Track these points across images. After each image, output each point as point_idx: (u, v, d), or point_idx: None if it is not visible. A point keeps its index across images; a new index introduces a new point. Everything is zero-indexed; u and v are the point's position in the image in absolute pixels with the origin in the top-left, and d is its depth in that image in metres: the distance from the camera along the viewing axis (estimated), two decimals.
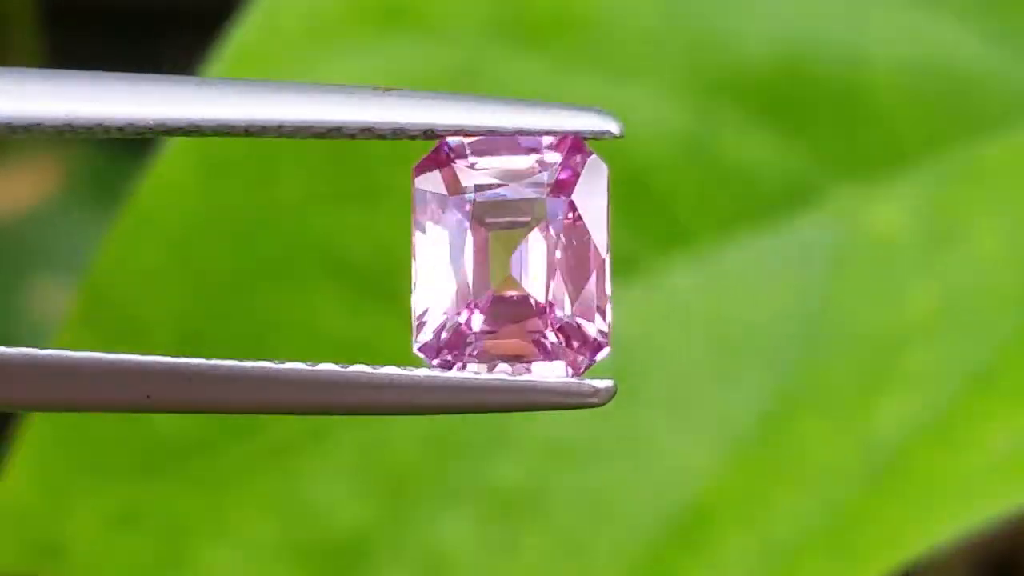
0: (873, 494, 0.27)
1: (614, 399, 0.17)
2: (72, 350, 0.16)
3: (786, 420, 0.27)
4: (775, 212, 0.28)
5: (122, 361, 0.16)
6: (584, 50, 0.28)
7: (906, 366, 0.27)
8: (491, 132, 0.16)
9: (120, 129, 0.16)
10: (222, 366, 0.16)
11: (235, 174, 0.28)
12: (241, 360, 0.16)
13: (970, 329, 0.27)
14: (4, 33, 0.47)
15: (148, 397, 0.16)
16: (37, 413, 0.29)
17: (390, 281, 0.28)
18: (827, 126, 0.28)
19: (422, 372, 0.16)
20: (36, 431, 0.29)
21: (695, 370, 0.28)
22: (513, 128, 0.16)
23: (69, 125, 0.16)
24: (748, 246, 0.28)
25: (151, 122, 0.16)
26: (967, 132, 0.28)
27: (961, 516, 0.26)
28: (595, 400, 0.17)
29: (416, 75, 0.28)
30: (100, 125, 0.16)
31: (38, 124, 0.16)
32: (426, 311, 0.17)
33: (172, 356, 0.16)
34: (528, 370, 0.17)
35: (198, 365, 0.16)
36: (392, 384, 0.16)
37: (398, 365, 0.16)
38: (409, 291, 0.17)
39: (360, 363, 0.16)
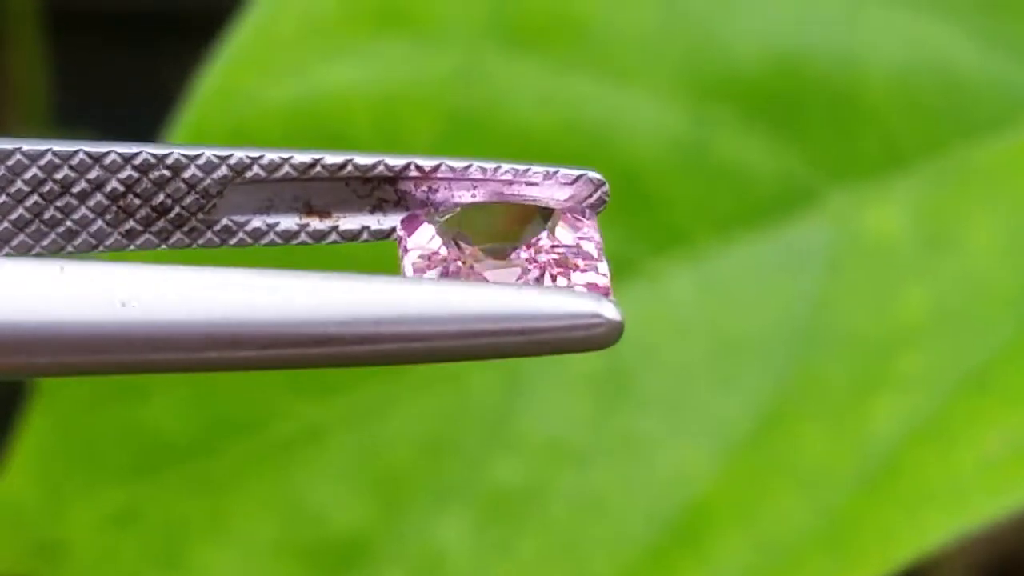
0: (868, 495, 0.27)
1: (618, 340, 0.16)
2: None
3: (782, 422, 0.28)
4: (771, 215, 0.29)
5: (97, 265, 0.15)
6: (581, 53, 0.28)
7: (900, 368, 0.27)
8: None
9: None
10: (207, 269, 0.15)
11: None
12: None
13: (964, 332, 0.28)
14: (6, 37, 0.47)
15: (123, 303, 0.15)
16: (37, 412, 0.29)
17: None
18: (823, 129, 0.28)
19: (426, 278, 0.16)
20: (36, 430, 0.29)
21: (692, 372, 0.28)
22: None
23: None
24: (744, 249, 0.28)
25: None
26: (962, 135, 0.28)
27: (954, 517, 0.26)
28: (600, 324, 0.16)
29: (412, 78, 0.28)
30: None
31: None
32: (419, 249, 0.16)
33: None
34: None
35: (182, 269, 0.15)
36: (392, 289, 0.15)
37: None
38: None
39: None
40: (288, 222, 0.16)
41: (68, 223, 0.16)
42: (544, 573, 0.28)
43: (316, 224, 0.17)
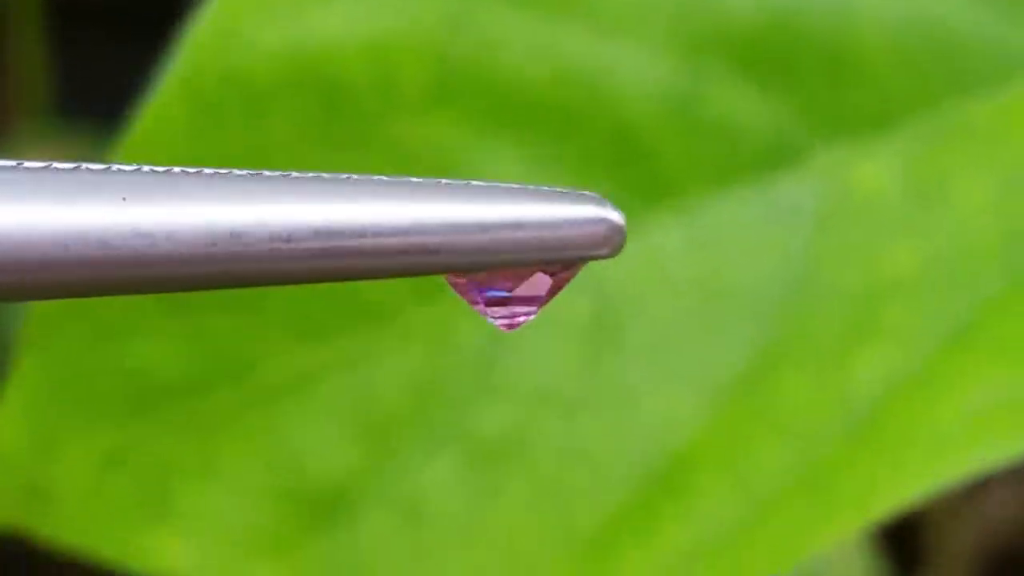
0: (851, 445, 0.27)
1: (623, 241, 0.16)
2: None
3: (767, 372, 0.28)
4: (761, 169, 0.29)
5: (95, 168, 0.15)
6: (573, 4, 0.28)
7: (886, 321, 0.28)
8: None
9: None
10: (205, 173, 0.16)
11: (226, 118, 0.28)
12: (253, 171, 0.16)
13: (951, 287, 0.28)
14: (8, 29, 0.47)
15: (124, 199, 0.15)
16: (25, 356, 0.29)
17: None
18: (815, 84, 0.28)
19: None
20: (25, 373, 0.29)
21: (679, 323, 0.28)
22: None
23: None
24: (734, 202, 0.29)
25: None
26: (954, 92, 0.29)
27: (936, 469, 0.26)
28: (601, 226, 0.16)
29: (406, 24, 0.28)
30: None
31: None
32: None
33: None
34: None
35: (181, 172, 0.15)
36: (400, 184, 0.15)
37: None
38: None
39: None
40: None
41: None
42: (529, 520, 0.28)
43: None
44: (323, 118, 0.29)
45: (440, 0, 0.28)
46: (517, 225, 0.16)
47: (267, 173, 0.16)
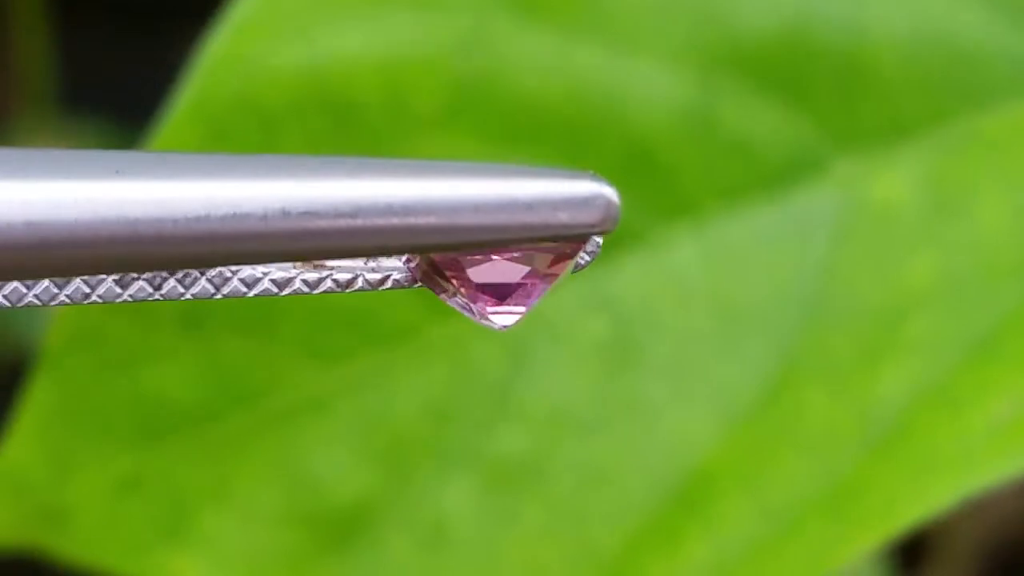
0: (873, 461, 0.27)
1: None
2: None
3: (787, 388, 0.28)
4: (777, 183, 0.28)
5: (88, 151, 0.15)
6: (588, 21, 0.28)
7: (907, 335, 0.27)
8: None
9: None
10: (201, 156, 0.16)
11: (239, 141, 0.28)
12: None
13: (971, 298, 0.27)
14: (12, 22, 0.47)
15: (117, 172, 0.15)
16: (40, 378, 0.29)
17: None
18: (829, 98, 0.28)
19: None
20: (40, 396, 0.29)
21: (697, 339, 0.28)
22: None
23: None
24: (751, 217, 0.28)
25: None
26: (969, 104, 0.28)
27: (960, 483, 0.26)
28: (598, 201, 0.16)
29: (419, 44, 0.28)
30: None
31: None
32: None
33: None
34: None
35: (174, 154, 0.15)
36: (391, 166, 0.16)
37: None
38: None
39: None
40: (282, 270, 0.17)
41: None
42: (548, 542, 0.28)
43: (310, 273, 0.17)
44: (335, 139, 0.28)
45: (452, 19, 0.28)
46: (513, 202, 0.16)
47: (261, 155, 0.16)
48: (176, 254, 0.15)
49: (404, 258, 0.17)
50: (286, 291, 0.17)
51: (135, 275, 0.16)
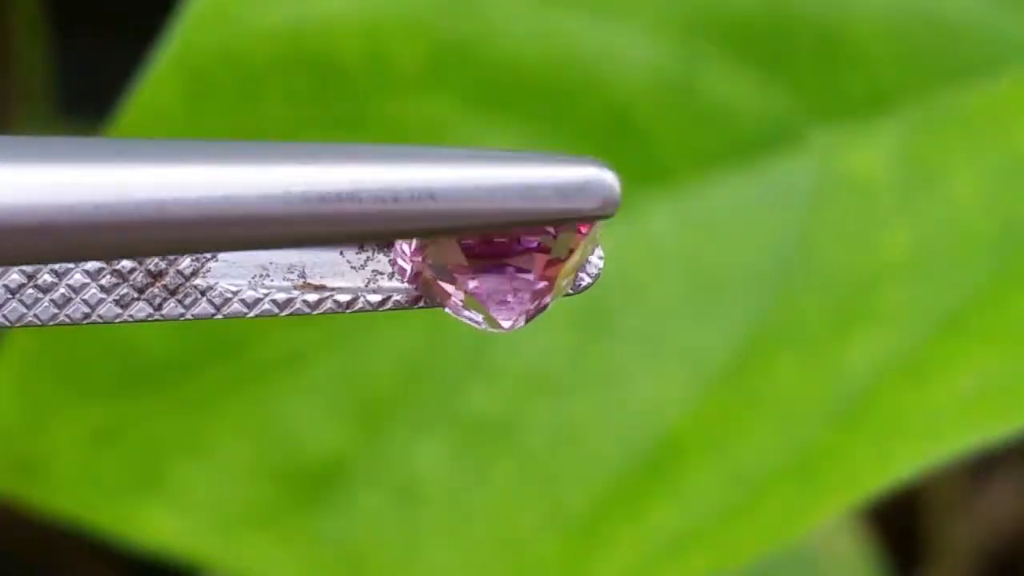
0: (840, 429, 0.27)
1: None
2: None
3: (759, 356, 0.28)
4: (755, 152, 0.29)
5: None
6: None
7: (879, 306, 0.28)
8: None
9: None
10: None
11: (221, 97, 0.28)
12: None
13: (943, 272, 0.28)
14: (9, 27, 0.47)
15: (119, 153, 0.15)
16: (18, 330, 0.29)
17: None
18: (809, 68, 0.28)
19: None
20: (17, 348, 0.29)
21: (671, 306, 0.28)
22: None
23: None
24: (727, 185, 0.29)
25: None
26: (948, 79, 0.29)
27: (926, 453, 0.26)
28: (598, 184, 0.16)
29: (402, 6, 0.28)
30: None
31: None
32: None
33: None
34: None
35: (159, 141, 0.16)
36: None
37: None
38: None
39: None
40: (283, 291, 0.17)
41: (62, 289, 0.16)
42: (518, 501, 0.28)
43: (311, 294, 0.17)
44: (318, 97, 0.29)
45: None
46: (515, 187, 0.16)
47: (263, 142, 0.16)
48: (183, 238, 0.15)
49: (405, 281, 0.17)
50: (287, 311, 0.17)
51: (136, 295, 0.16)
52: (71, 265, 0.16)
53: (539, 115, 0.28)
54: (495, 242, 0.17)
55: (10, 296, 0.16)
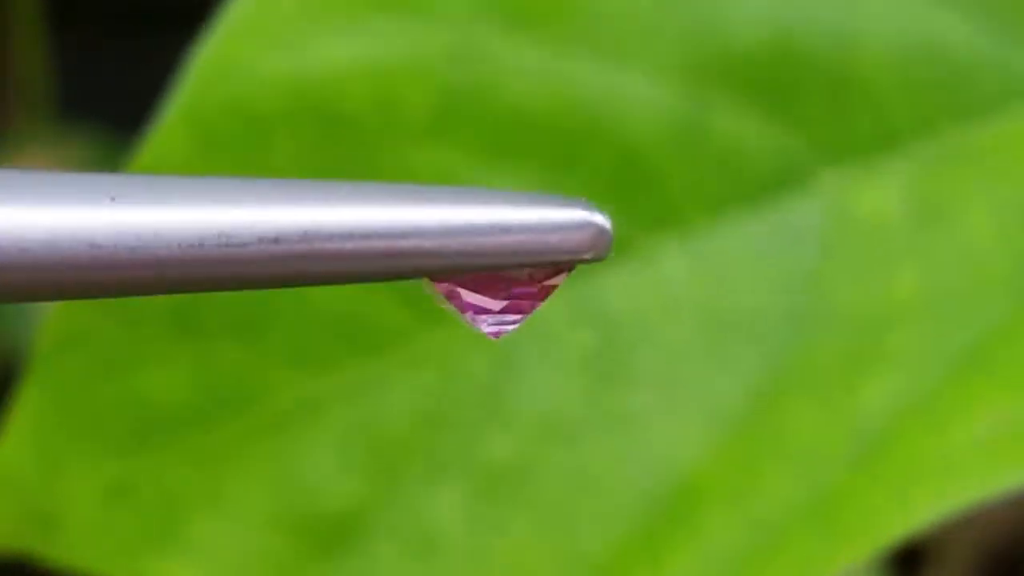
0: (858, 473, 0.27)
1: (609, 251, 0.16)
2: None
3: (774, 400, 0.28)
4: (765, 194, 0.29)
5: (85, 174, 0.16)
6: (577, 32, 0.28)
7: (892, 347, 0.28)
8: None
9: None
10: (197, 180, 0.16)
11: (230, 147, 0.28)
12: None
13: (957, 312, 0.28)
14: (9, 30, 0.47)
15: (112, 199, 0.15)
16: (32, 382, 0.29)
17: None
18: (818, 109, 0.28)
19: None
20: (32, 400, 0.29)
21: (684, 350, 0.28)
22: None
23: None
24: (738, 228, 0.29)
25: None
26: (958, 116, 0.28)
27: (945, 496, 0.26)
28: (592, 228, 0.16)
29: (410, 54, 0.28)
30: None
31: None
32: None
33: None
34: None
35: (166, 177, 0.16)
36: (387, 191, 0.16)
37: None
38: None
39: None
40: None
41: None
42: (536, 550, 0.28)
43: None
44: (325, 145, 0.29)
45: (442, 29, 0.28)
46: (505, 228, 0.16)
47: (256, 179, 0.16)
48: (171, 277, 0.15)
49: None
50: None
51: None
52: None
53: (548, 161, 0.28)
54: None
55: None
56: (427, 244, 0.16)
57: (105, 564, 0.29)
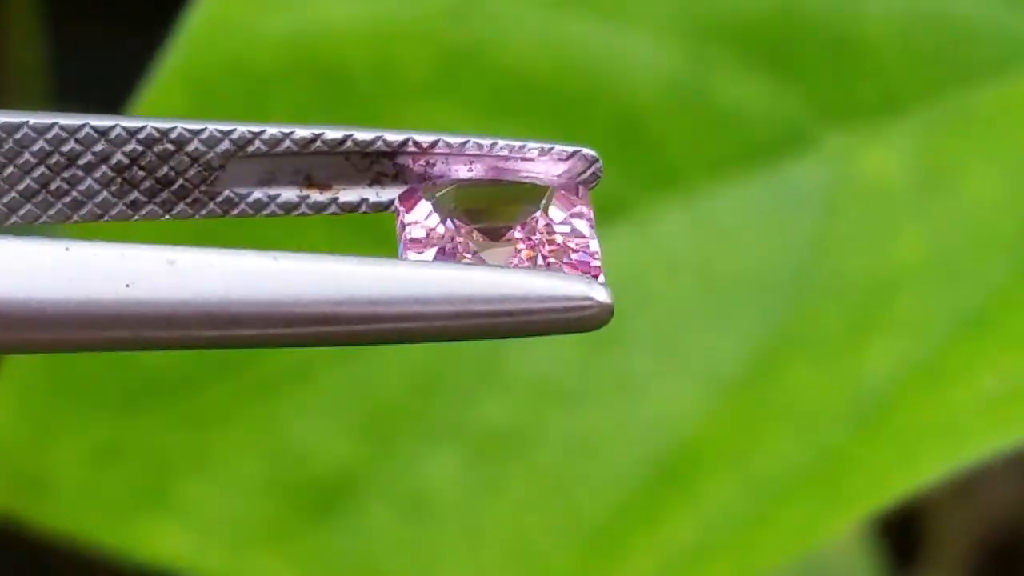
0: (860, 436, 0.27)
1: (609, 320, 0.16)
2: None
3: (775, 363, 0.27)
4: (767, 157, 0.28)
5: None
6: None
7: (896, 310, 0.27)
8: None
9: None
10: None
11: (226, 106, 0.28)
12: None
13: (960, 274, 0.27)
14: (4, 17, 0.47)
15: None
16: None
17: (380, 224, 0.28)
18: (821, 72, 0.28)
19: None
20: (21, 363, 0.29)
21: (684, 313, 0.28)
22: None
23: None
24: (740, 190, 0.28)
25: None
26: (961, 80, 0.28)
27: (947, 458, 0.26)
28: (591, 306, 0.16)
29: (409, 13, 0.28)
30: None
31: None
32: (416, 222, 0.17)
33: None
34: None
35: (184, 250, 0.16)
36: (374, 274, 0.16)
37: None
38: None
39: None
40: (288, 194, 0.17)
41: (74, 194, 0.17)
42: (533, 512, 0.28)
43: (316, 196, 0.17)
44: (324, 105, 0.28)
45: None
46: (502, 300, 0.16)
47: (267, 255, 0.16)
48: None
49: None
50: (294, 214, 0.17)
51: (146, 199, 0.17)
52: (81, 173, 0.17)
53: (548, 121, 0.28)
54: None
55: (24, 201, 0.17)
56: (424, 309, 0.16)
57: (94, 527, 0.29)
